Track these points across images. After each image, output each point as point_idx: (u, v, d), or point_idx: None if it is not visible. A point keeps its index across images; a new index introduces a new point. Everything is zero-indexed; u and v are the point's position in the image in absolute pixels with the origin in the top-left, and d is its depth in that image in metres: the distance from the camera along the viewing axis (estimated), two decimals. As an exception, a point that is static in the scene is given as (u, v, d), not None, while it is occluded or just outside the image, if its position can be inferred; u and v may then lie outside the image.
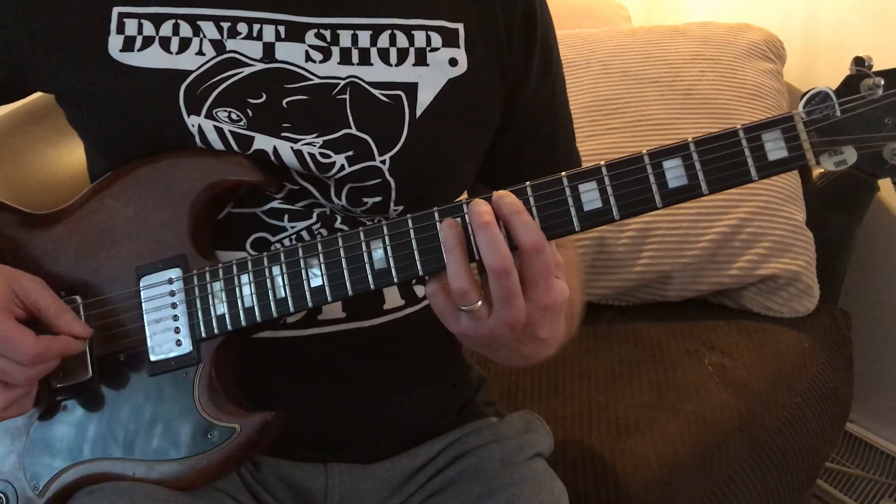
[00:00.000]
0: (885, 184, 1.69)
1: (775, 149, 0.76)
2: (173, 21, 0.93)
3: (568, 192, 0.79)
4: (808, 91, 0.77)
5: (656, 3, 2.38)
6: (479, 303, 0.79)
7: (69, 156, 1.48)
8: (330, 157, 0.92)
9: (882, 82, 0.75)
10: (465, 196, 1.04)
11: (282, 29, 0.94)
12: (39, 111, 1.51)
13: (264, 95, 0.92)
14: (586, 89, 1.72)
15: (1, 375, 0.84)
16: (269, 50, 0.94)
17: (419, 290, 1.02)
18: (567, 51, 1.75)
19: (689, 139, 0.78)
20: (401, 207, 0.95)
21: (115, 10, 0.93)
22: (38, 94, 1.01)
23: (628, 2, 2.28)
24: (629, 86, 1.71)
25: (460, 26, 0.99)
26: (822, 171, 1.70)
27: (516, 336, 0.81)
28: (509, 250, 0.77)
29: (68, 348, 0.88)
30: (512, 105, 1.03)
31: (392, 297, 0.99)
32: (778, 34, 1.80)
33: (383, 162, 0.93)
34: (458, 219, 0.80)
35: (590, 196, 0.80)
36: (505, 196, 0.79)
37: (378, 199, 0.94)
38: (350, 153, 0.93)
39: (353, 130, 0.93)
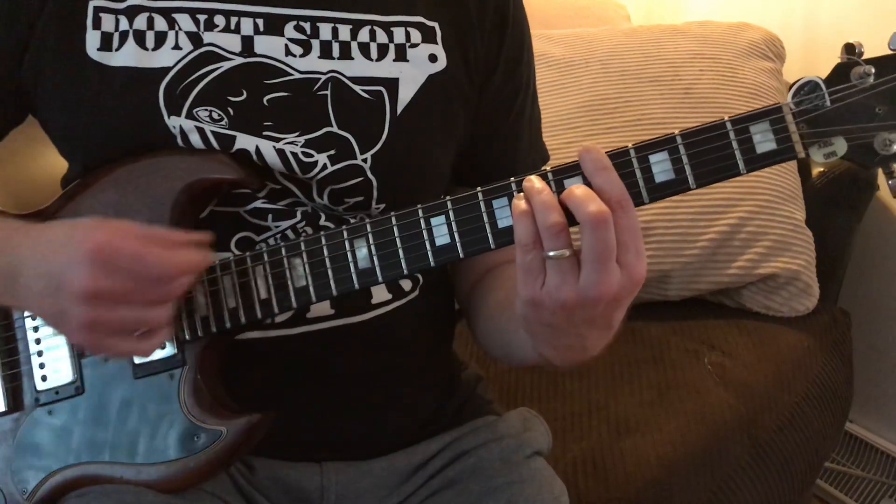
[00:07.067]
0: (885, 183, 1.70)
1: (763, 141, 0.76)
2: (147, 14, 0.92)
3: (553, 186, 0.77)
4: (797, 81, 0.75)
5: (656, 3, 2.38)
6: (568, 252, 0.73)
7: (68, 157, 1.48)
8: (312, 156, 0.91)
9: (873, 70, 0.74)
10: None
11: (260, 22, 0.93)
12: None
13: (245, 93, 0.91)
14: (585, 88, 1.71)
15: (148, 295, 0.79)
16: (247, 43, 0.92)
17: (405, 284, 1.01)
18: (566, 50, 1.75)
19: (676, 132, 0.77)
20: (382, 205, 0.95)
21: (91, 5, 0.92)
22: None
23: (628, 1, 2.28)
24: (628, 85, 1.71)
25: (436, 24, 0.98)
26: (822, 169, 1.69)
27: (600, 312, 0.75)
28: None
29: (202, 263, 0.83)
30: (478, 100, 1.02)
31: (379, 291, 0.98)
32: (778, 33, 1.80)
33: (364, 160, 0.93)
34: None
35: (576, 191, 0.78)
36: (592, 151, 0.75)
37: (360, 198, 0.94)
38: (332, 152, 0.92)
39: (335, 129, 0.92)
